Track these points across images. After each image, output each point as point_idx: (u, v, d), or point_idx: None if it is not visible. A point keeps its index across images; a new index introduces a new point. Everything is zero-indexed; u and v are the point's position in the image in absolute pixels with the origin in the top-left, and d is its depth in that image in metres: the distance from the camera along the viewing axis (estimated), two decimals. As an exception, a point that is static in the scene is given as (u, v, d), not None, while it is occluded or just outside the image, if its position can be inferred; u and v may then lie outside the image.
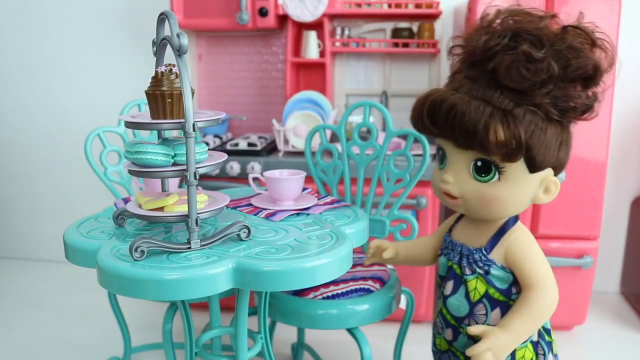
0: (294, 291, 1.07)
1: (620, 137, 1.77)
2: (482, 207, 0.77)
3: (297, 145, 1.57)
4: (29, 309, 1.78)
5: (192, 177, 0.69)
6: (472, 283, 0.81)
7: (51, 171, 2.14)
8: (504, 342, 0.75)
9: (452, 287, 0.84)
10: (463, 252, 0.83)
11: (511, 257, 0.79)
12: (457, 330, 0.85)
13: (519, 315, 0.76)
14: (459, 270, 0.83)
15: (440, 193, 0.81)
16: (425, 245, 0.97)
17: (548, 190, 0.78)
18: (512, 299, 0.80)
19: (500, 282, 0.80)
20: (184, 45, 0.62)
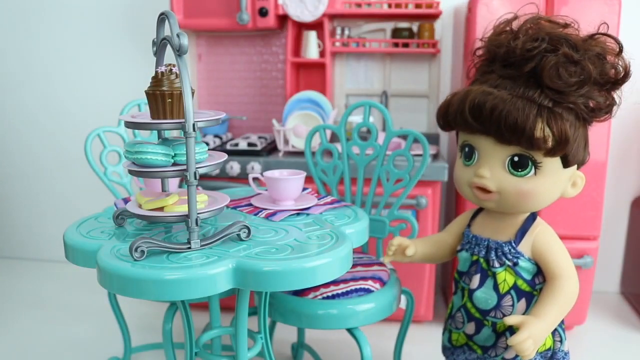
0: (294, 291, 1.07)
1: (620, 137, 1.77)
2: (518, 201, 0.81)
3: (297, 145, 1.57)
4: (29, 309, 1.78)
5: (192, 177, 0.69)
6: (502, 275, 0.84)
7: (51, 171, 2.14)
8: (541, 329, 0.78)
9: (479, 280, 0.86)
10: (490, 246, 0.85)
11: (538, 249, 0.83)
12: (481, 324, 0.87)
13: (551, 303, 0.80)
14: (485, 264, 0.86)
15: (469, 189, 0.84)
16: (443, 243, 0.99)
17: (575, 184, 0.84)
18: (535, 289, 0.85)
19: (527, 273, 0.84)
20: (184, 45, 0.62)
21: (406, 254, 0.97)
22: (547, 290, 0.82)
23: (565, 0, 1.36)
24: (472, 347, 0.90)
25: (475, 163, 0.82)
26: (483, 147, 0.80)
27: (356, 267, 1.13)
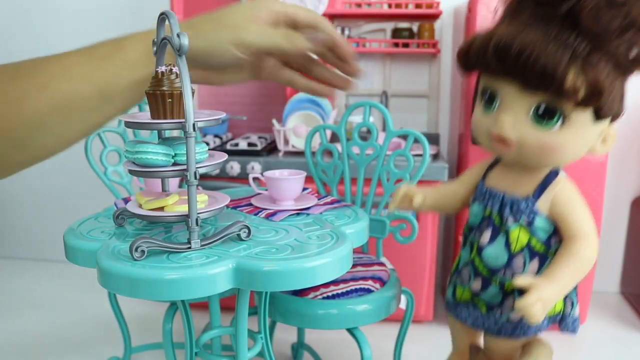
0: (293, 291, 1.07)
1: (620, 137, 1.77)
2: (540, 155, 0.73)
3: (297, 145, 1.57)
4: (29, 309, 1.78)
5: (192, 177, 0.68)
6: (515, 233, 0.77)
7: (51, 171, 2.14)
8: (552, 293, 0.72)
9: (490, 236, 0.79)
10: (505, 201, 0.78)
11: (558, 207, 0.76)
12: (488, 282, 0.81)
13: (565, 266, 0.73)
14: (498, 219, 0.79)
15: (487, 138, 0.76)
16: (454, 194, 0.90)
17: (606, 141, 0.74)
18: (550, 250, 0.77)
19: (543, 232, 0.77)
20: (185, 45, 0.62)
21: (413, 204, 0.87)
22: (563, 252, 0.75)
23: (565, 0, 1.36)
24: (476, 304, 0.83)
25: (496, 110, 0.74)
26: (506, 93, 0.72)
27: (356, 267, 1.13)
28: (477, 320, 0.83)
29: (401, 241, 1.20)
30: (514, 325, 0.79)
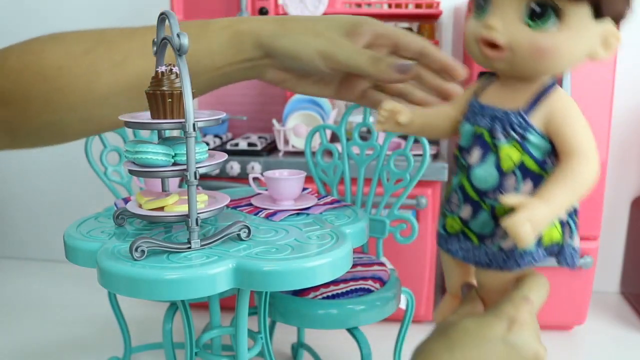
0: (294, 291, 1.07)
1: (620, 137, 1.77)
2: (534, 59, 0.66)
3: (297, 145, 1.57)
4: (29, 309, 1.78)
5: (192, 177, 0.68)
6: (506, 150, 0.70)
7: (51, 171, 2.14)
8: (543, 213, 0.64)
9: (480, 155, 0.72)
10: (496, 116, 0.71)
11: (553, 121, 0.69)
12: (478, 206, 0.73)
13: (560, 185, 0.66)
14: (488, 136, 0.71)
15: (477, 45, 0.69)
16: (444, 114, 0.80)
17: (608, 43, 0.67)
18: (546, 170, 0.70)
19: (537, 151, 0.70)
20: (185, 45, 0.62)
21: (399, 121, 0.78)
22: (558, 170, 0.67)
23: (565, 0, 1.36)
24: (467, 235, 0.77)
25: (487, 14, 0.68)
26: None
27: (356, 267, 1.13)
28: (467, 253, 0.75)
29: (401, 241, 1.20)
30: (506, 255, 0.71)
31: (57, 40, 0.73)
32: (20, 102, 0.70)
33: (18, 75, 0.69)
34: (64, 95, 0.70)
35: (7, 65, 0.70)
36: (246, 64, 0.76)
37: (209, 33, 0.74)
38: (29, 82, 0.69)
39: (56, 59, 0.70)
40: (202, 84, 0.77)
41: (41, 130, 0.73)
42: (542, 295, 0.63)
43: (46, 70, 0.70)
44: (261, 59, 0.75)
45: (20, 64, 0.70)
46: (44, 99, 0.70)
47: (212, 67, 0.74)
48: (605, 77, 1.40)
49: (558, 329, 1.60)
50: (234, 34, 0.74)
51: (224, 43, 0.73)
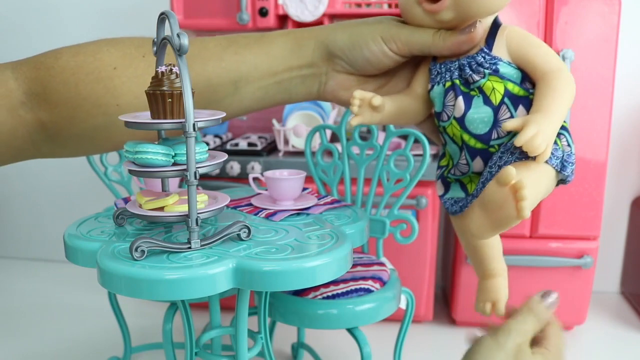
0: (294, 291, 1.07)
1: (620, 137, 1.77)
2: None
3: (297, 145, 1.57)
4: (29, 309, 1.78)
5: (192, 177, 0.68)
6: (488, 85, 0.71)
7: (51, 171, 2.14)
8: (549, 122, 0.66)
9: (464, 102, 0.73)
10: (462, 64, 0.73)
11: (516, 47, 0.71)
12: (486, 152, 0.74)
13: (551, 97, 0.68)
14: (462, 85, 0.73)
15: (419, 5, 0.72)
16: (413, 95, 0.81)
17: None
18: (531, 93, 0.72)
19: (513, 77, 0.72)
20: (185, 45, 0.62)
21: (373, 105, 0.77)
22: (542, 84, 0.69)
23: (565, 0, 1.36)
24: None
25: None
26: None
27: (356, 267, 1.13)
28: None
29: (401, 241, 1.20)
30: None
31: (113, 43, 0.71)
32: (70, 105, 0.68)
33: (70, 76, 0.67)
34: (116, 97, 0.69)
35: (59, 65, 0.68)
36: (306, 70, 0.74)
37: (267, 39, 0.74)
38: (81, 82, 0.67)
39: (112, 61, 0.69)
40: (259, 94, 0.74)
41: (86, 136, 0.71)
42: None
43: (101, 71, 0.68)
44: (321, 62, 0.74)
45: (73, 63, 0.68)
46: (95, 101, 0.68)
47: (270, 71, 0.73)
48: (605, 77, 1.39)
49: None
50: (295, 38, 0.74)
51: (285, 46, 0.73)
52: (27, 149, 0.72)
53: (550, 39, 1.38)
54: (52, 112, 0.68)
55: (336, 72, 0.77)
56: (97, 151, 0.77)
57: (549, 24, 1.38)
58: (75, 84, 0.67)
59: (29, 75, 0.67)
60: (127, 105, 0.69)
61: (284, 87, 0.75)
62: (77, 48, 0.70)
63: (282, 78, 0.76)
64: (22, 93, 0.67)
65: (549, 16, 1.38)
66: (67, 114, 0.69)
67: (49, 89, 0.67)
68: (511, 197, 0.58)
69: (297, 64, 0.74)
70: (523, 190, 0.57)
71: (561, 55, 1.37)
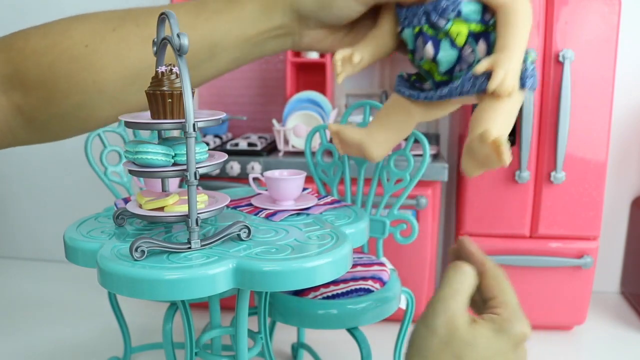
0: (294, 291, 1.07)
1: (620, 137, 1.77)
2: None
3: (297, 145, 1.57)
4: (28, 309, 1.78)
5: (192, 177, 0.69)
6: (454, 29, 0.78)
7: (51, 171, 2.14)
8: (512, 61, 0.73)
9: (432, 46, 0.80)
10: (427, 10, 0.79)
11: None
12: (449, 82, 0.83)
13: (510, 31, 0.75)
14: (430, 29, 0.80)
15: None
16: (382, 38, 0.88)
17: None
18: (489, 25, 0.79)
19: (475, 14, 0.78)
20: (185, 45, 0.62)
21: (354, 62, 0.85)
22: (502, 21, 0.76)
23: (565, 1, 1.36)
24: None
25: None
26: None
27: (356, 267, 1.13)
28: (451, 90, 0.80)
29: (401, 241, 1.20)
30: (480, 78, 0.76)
31: (81, 20, 0.71)
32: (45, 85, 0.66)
33: (42, 56, 0.66)
34: (92, 74, 0.68)
35: (30, 46, 0.67)
36: (278, 30, 0.76)
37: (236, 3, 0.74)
38: (54, 62, 0.66)
39: (83, 38, 0.68)
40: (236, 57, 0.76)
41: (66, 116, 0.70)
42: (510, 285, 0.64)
43: (73, 49, 0.67)
44: (292, 24, 0.75)
45: (44, 44, 0.67)
46: (71, 80, 0.67)
47: (243, 37, 0.74)
48: (605, 77, 1.39)
49: (558, 329, 1.60)
50: (263, 3, 0.74)
51: (254, 11, 0.74)
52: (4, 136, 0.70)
53: (550, 39, 1.38)
54: (28, 95, 0.68)
55: (308, 29, 0.80)
56: (77, 132, 0.75)
57: (549, 24, 1.38)
58: (48, 65, 0.67)
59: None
60: (104, 82, 0.69)
61: (258, 47, 0.77)
62: (44, 28, 0.70)
63: (255, 40, 0.77)
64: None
65: (549, 16, 1.38)
66: (43, 95, 0.68)
67: (22, 72, 0.66)
68: (493, 150, 0.66)
69: (269, 27, 0.76)
70: (502, 146, 0.65)
71: (561, 55, 1.37)
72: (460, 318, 0.58)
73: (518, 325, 0.58)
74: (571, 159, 1.43)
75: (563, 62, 1.37)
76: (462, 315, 0.59)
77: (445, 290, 0.61)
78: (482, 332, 0.57)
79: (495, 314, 0.61)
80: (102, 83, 0.69)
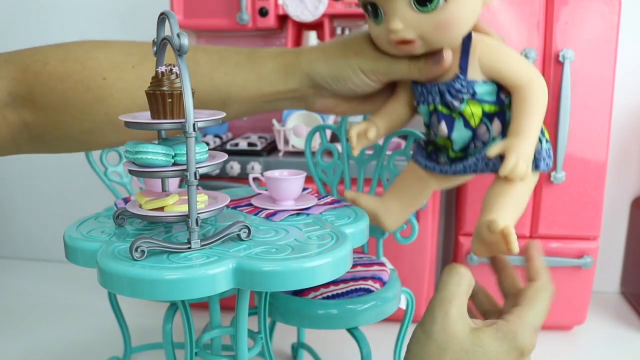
0: (294, 291, 1.07)
1: (620, 137, 1.77)
2: (443, 34, 0.74)
3: (297, 145, 1.57)
4: (28, 309, 1.78)
5: (192, 177, 0.69)
6: (468, 110, 0.78)
7: (51, 171, 2.14)
8: (525, 146, 0.73)
9: (446, 125, 0.80)
10: (441, 90, 0.79)
11: (487, 65, 0.77)
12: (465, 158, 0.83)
13: (526, 115, 0.74)
14: (445, 109, 0.80)
15: (391, 45, 0.77)
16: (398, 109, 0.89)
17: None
18: (504, 105, 0.78)
19: (489, 95, 0.78)
20: (185, 45, 0.62)
21: (369, 137, 0.86)
22: (517, 103, 0.75)
23: (565, 1, 1.36)
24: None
25: (384, 19, 0.76)
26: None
27: (356, 267, 1.13)
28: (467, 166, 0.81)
29: (401, 241, 1.20)
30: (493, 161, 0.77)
31: (102, 49, 0.71)
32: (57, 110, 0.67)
33: (58, 83, 0.67)
34: (105, 106, 0.69)
35: (47, 70, 0.67)
36: (294, 93, 0.79)
37: (257, 60, 0.76)
38: (70, 89, 0.67)
39: (101, 70, 0.69)
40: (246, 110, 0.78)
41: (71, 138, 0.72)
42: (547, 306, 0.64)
43: (90, 80, 0.68)
44: (307, 89, 0.78)
45: (61, 70, 0.67)
46: (84, 108, 0.68)
47: (259, 94, 0.76)
48: (605, 77, 1.39)
49: (558, 329, 1.60)
50: (283, 66, 0.76)
51: (273, 72, 0.76)
52: (9, 146, 0.72)
53: (550, 39, 1.38)
54: (37, 115, 0.68)
55: (322, 97, 0.81)
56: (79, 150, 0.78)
57: (549, 24, 1.38)
58: (63, 91, 0.67)
59: (15, 77, 0.67)
60: (114, 114, 0.70)
61: (270, 104, 0.79)
62: (64, 52, 0.70)
63: (269, 99, 0.79)
64: (7, 94, 0.67)
65: (549, 16, 1.38)
66: (53, 118, 0.69)
67: (35, 94, 0.67)
68: (502, 239, 0.66)
69: (285, 89, 0.80)
70: (511, 236, 0.65)
71: (561, 55, 1.37)
72: (458, 323, 0.58)
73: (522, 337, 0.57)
74: (571, 159, 1.43)
75: (563, 62, 1.37)
76: (460, 319, 0.58)
77: (442, 294, 0.61)
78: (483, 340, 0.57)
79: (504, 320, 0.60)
80: (113, 115, 0.70)
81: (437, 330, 0.57)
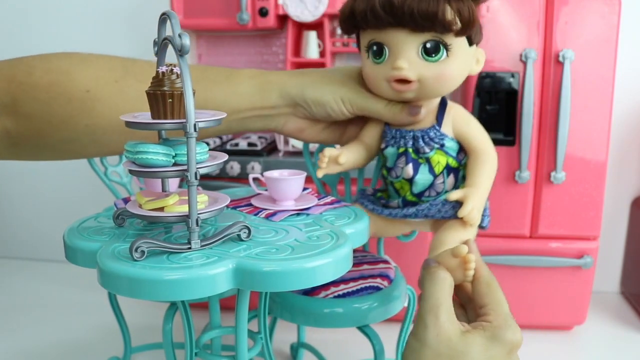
0: (304, 290, 1.06)
1: (620, 137, 1.77)
2: (438, 85, 0.85)
3: (297, 145, 1.57)
4: (28, 309, 1.78)
5: (192, 178, 0.69)
6: (435, 158, 0.90)
7: (51, 171, 2.14)
8: (480, 197, 0.86)
9: (412, 168, 0.91)
10: (416, 136, 0.90)
11: (459, 126, 0.90)
12: (416, 203, 0.95)
13: (482, 173, 0.87)
14: (414, 154, 0.91)
15: (387, 84, 0.85)
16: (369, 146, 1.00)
17: (479, 60, 0.90)
18: (461, 164, 0.91)
19: (453, 151, 0.90)
20: (186, 45, 0.62)
21: (339, 162, 0.96)
22: (475, 163, 0.89)
23: (565, 1, 1.36)
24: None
25: (388, 58, 0.84)
26: (394, 40, 0.82)
27: (362, 265, 1.13)
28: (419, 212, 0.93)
29: (402, 239, 1.20)
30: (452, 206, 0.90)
31: (86, 62, 0.73)
32: (38, 119, 0.69)
33: (41, 93, 0.68)
34: (86, 118, 0.71)
35: (31, 81, 0.68)
36: (269, 111, 0.85)
37: (237, 77, 0.80)
38: (52, 100, 0.68)
39: (85, 83, 0.70)
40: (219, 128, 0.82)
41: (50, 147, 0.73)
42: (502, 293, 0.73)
43: (73, 92, 0.69)
44: (284, 107, 0.84)
45: (45, 81, 0.69)
46: (65, 119, 0.70)
47: (235, 109, 0.80)
48: (605, 77, 1.39)
49: (558, 329, 1.60)
50: (261, 82, 0.81)
51: (252, 88, 0.80)
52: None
53: (550, 39, 1.38)
54: (19, 123, 0.69)
55: (296, 117, 0.87)
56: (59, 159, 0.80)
57: (549, 24, 1.38)
58: (46, 102, 0.69)
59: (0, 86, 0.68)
60: (95, 126, 0.71)
61: (244, 123, 0.84)
62: (48, 64, 0.71)
63: (244, 115, 0.84)
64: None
65: (549, 16, 1.38)
66: (34, 127, 0.70)
67: (19, 103, 0.68)
68: (462, 264, 0.74)
69: (260, 105, 0.84)
70: (470, 263, 0.73)
71: (561, 55, 1.37)
72: (450, 328, 0.62)
73: (509, 332, 0.61)
74: (571, 159, 1.43)
75: (563, 62, 1.37)
76: (452, 324, 0.62)
77: (431, 301, 0.65)
78: (475, 340, 0.59)
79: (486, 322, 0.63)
80: (94, 127, 0.72)
81: (431, 337, 0.60)
